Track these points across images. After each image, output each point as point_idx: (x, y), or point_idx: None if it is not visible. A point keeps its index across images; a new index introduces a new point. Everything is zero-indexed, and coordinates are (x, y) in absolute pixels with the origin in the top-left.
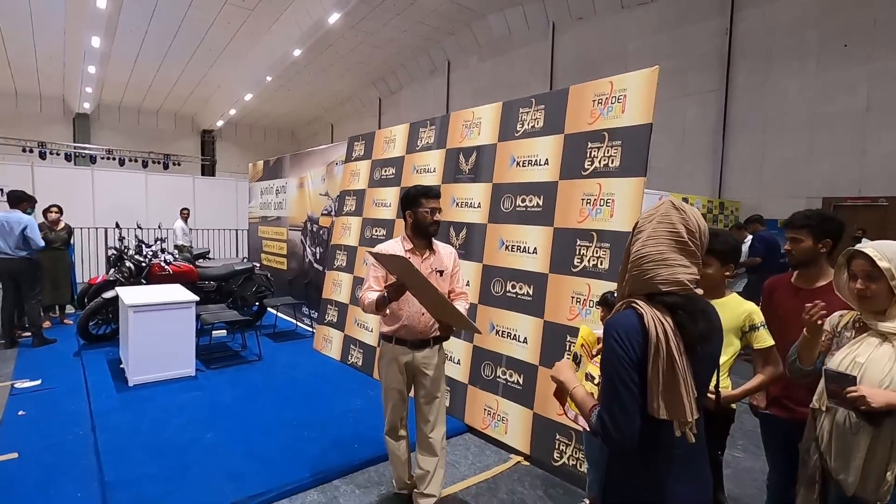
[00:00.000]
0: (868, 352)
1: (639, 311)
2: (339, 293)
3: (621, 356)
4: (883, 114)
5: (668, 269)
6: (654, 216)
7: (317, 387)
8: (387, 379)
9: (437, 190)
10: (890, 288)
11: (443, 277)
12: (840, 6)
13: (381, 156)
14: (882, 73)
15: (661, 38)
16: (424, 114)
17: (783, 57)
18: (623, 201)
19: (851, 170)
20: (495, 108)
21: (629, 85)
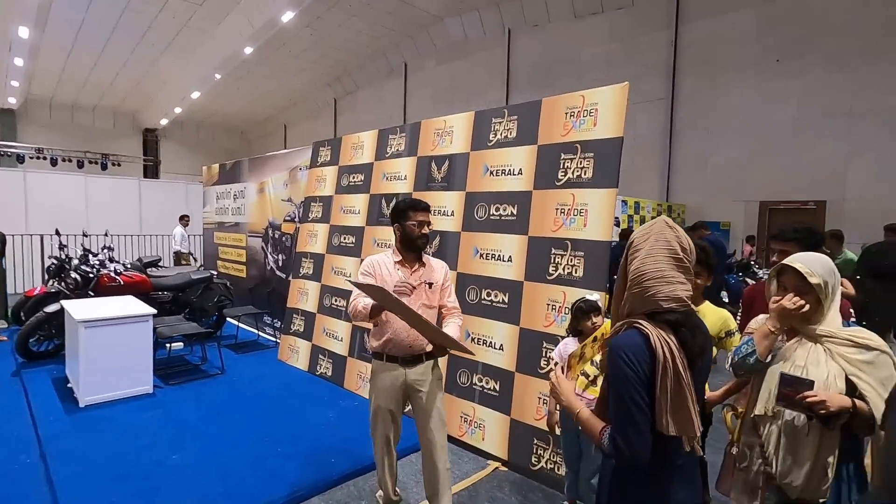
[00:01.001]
0: (805, 355)
1: (643, 331)
2: (306, 302)
3: (631, 377)
4: (811, 124)
5: (668, 286)
6: (650, 234)
7: (286, 400)
8: (377, 398)
9: (425, 203)
10: (818, 300)
11: (432, 290)
12: (774, 24)
13: (348, 162)
14: (810, 87)
15: (613, 48)
16: (382, 116)
17: (724, 68)
18: (596, 211)
19: (785, 175)
20: (467, 117)
21: (600, 99)
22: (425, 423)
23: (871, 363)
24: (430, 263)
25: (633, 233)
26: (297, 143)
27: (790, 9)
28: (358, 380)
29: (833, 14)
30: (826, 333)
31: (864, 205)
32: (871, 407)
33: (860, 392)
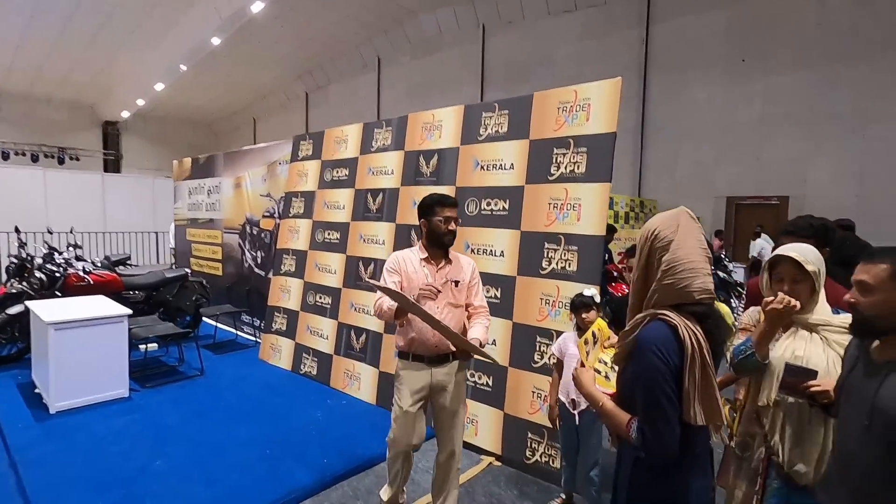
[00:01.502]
0: (803, 346)
1: (671, 322)
2: (288, 300)
3: (663, 370)
4: (774, 124)
5: (699, 279)
6: (678, 225)
7: (271, 400)
8: (400, 398)
9: (454, 199)
10: (812, 287)
11: (458, 288)
12: (740, 26)
13: (332, 156)
14: (774, 88)
15: (586, 46)
16: (355, 111)
17: (693, 68)
18: (590, 206)
19: (750, 172)
20: (456, 111)
21: (593, 94)
22: (447, 423)
23: None
24: (458, 260)
25: (655, 224)
26: (268, 137)
27: (756, 12)
28: (345, 378)
29: (795, 19)
30: (821, 322)
31: (823, 201)
32: None
33: None
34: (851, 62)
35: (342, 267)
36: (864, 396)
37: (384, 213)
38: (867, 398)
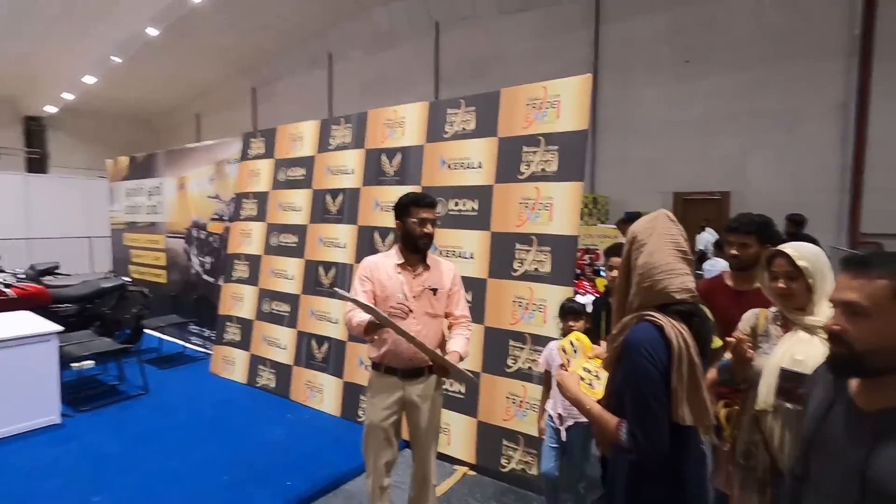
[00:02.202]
0: (803, 349)
1: (657, 322)
2: (241, 308)
3: (651, 371)
4: (717, 123)
5: (678, 279)
6: (654, 229)
7: (226, 418)
8: (370, 414)
9: (431, 199)
10: (808, 286)
11: (437, 297)
12: (683, 29)
13: (286, 155)
14: (715, 89)
15: (539, 44)
16: (306, 107)
17: (641, 69)
18: (562, 205)
19: (695, 169)
20: (420, 107)
21: (563, 91)
22: (421, 438)
23: None
24: (438, 266)
25: (635, 227)
26: (213, 134)
27: (697, 16)
28: (306, 390)
29: (733, 23)
30: (821, 324)
31: (761, 195)
32: None
33: None
34: (783, 64)
35: (300, 272)
36: (851, 460)
37: (345, 215)
38: (855, 463)
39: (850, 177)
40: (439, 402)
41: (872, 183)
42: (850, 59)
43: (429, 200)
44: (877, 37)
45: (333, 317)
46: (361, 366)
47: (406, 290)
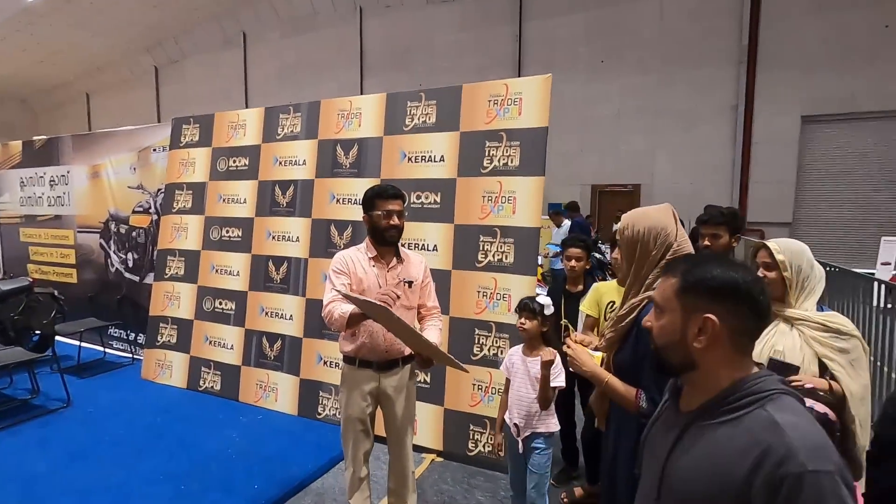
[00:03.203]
0: (783, 340)
1: None
2: (177, 308)
3: None
4: (628, 120)
5: None
6: (674, 219)
7: (170, 426)
8: (347, 407)
9: (395, 190)
10: (783, 278)
11: (411, 289)
12: (597, 30)
13: (226, 143)
14: (626, 88)
15: (464, 37)
16: (218, 90)
17: (560, 66)
18: (524, 199)
19: (610, 163)
20: (378, 98)
21: (524, 89)
22: (397, 429)
23: (844, 350)
24: (409, 259)
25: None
26: (106, 116)
27: (610, 19)
28: (257, 390)
29: (641, 28)
30: (800, 317)
31: (665, 188)
32: (843, 387)
33: (831, 373)
34: (684, 68)
35: (247, 268)
36: (658, 456)
37: (297, 208)
38: (660, 460)
39: (738, 172)
40: (413, 392)
41: (756, 177)
42: (739, 66)
43: (393, 192)
44: (760, 48)
45: (287, 313)
46: (321, 362)
47: (381, 284)
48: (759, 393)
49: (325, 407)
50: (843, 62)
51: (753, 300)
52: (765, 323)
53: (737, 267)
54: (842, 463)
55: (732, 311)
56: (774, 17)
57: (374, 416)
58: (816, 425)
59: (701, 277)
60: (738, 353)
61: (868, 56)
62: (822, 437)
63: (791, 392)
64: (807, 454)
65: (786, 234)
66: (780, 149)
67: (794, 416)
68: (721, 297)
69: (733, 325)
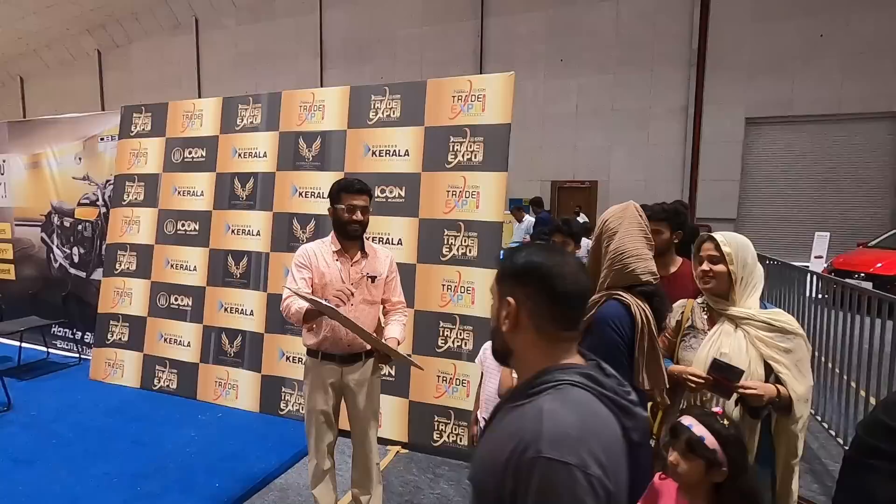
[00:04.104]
0: (728, 341)
1: (624, 301)
2: (129, 305)
3: (619, 342)
4: (586, 118)
5: (644, 263)
6: (623, 217)
7: (124, 426)
8: (310, 400)
9: (360, 185)
10: (730, 273)
11: (375, 284)
12: (557, 30)
13: (181, 133)
14: (584, 87)
15: (426, 31)
16: (168, 77)
17: (522, 63)
18: (488, 193)
19: (569, 159)
20: (341, 91)
21: (487, 86)
22: (361, 421)
23: (789, 350)
24: (375, 254)
25: (606, 215)
26: (44, 102)
27: (568, 19)
28: (216, 388)
29: (597, 29)
30: (744, 315)
31: (620, 185)
32: (788, 390)
33: (777, 375)
34: (638, 69)
35: (204, 262)
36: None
37: (257, 201)
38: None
39: (689, 170)
40: (377, 385)
41: (705, 175)
42: (690, 69)
43: (358, 187)
44: (709, 52)
45: (247, 308)
46: (283, 358)
47: (344, 278)
48: (551, 382)
49: (288, 403)
50: (782, 68)
51: (547, 282)
52: (565, 309)
53: (550, 253)
54: (595, 462)
55: (528, 294)
56: (722, 23)
57: (337, 408)
58: (584, 417)
59: (509, 263)
60: (542, 338)
61: (804, 63)
62: (576, 429)
63: (586, 386)
64: (548, 442)
65: (731, 229)
66: (726, 149)
67: (562, 405)
68: (520, 279)
69: (530, 307)
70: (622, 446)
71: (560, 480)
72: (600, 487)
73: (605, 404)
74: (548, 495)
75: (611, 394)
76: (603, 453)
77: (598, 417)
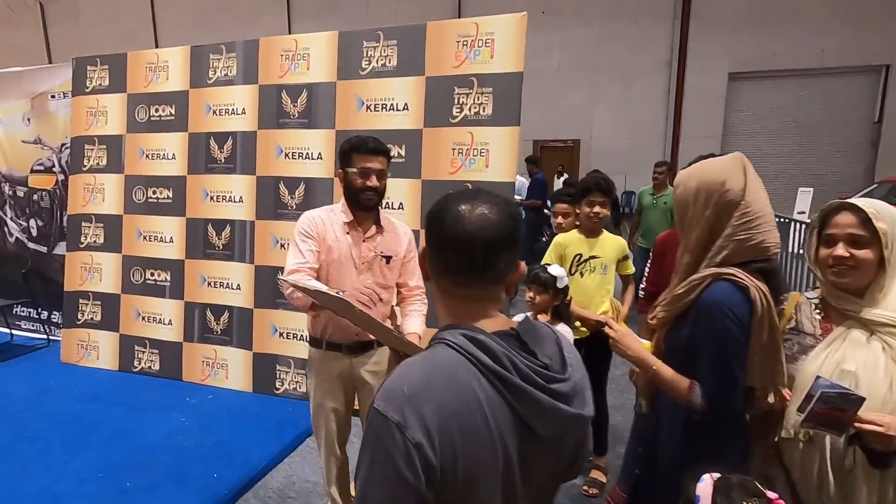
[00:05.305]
0: (858, 355)
1: (740, 283)
2: (99, 281)
3: (737, 334)
4: (569, 74)
5: (772, 233)
6: (745, 174)
7: (105, 413)
8: (317, 395)
9: (376, 144)
10: (882, 259)
11: (390, 266)
12: None
13: (144, 88)
14: (567, 41)
15: None
16: (120, 32)
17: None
18: (499, 151)
19: (551, 118)
20: (328, 37)
21: (496, 29)
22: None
23: None
24: (394, 228)
25: (718, 175)
26: None
27: None
28: (204, 367)
29: None
30: (884, 320)
31: (604, 144)
32: None
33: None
34: (621, 23)
35: (181, 233)
36: None
37: (238, 164)
38: None
39: (671, 127)
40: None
41: (687, 132)
42: (674, 23)
43: (373, 146)
44: (692, 5)
45: (233, 282)
46: (276, 334)
47: (355, 256)
48: (435, 340)
49: (284, 382)
50: (764, 22)
51: (431, 226)
52: (449, 256)
53: (451, 196)
54: (421, 426)
55: (426, 239)
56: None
57: (351, 402)
58: (429, 378)
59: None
60: (444, 292)
61: (787, 16)
62: (411, 387)
63: (461, 350)
64: (383, 393)
65: None
66: (709, 104)
67: (419, 363)
68: (425, 226)
69: (428, 254)
70: (491, 424)
71: (382, 432)
72: (418, 456)
73: (484, 375)
74: (370, 443)
75: (494, 365)
76: (437, 421)
77: (450, 383)
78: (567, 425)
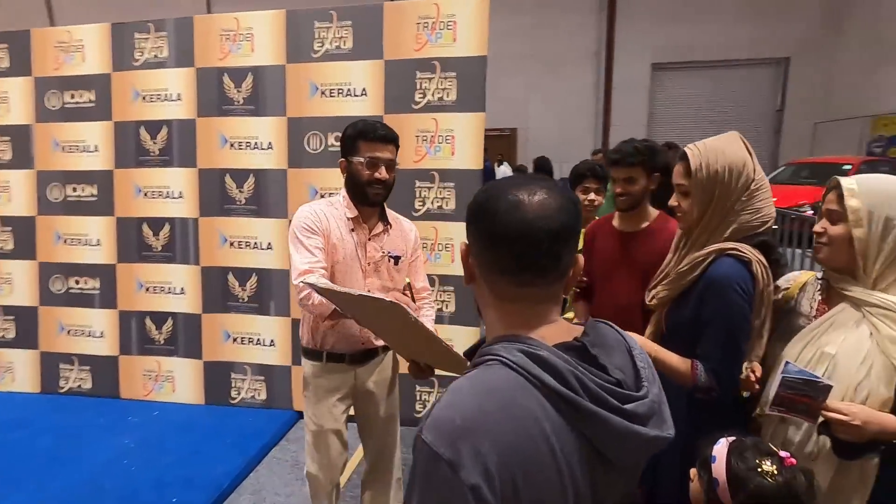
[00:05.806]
0: (839, 337)
1: (743, 258)
2: (10, 293)
3: (746, 310)
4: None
5: (772, 206)
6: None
7: (31, 443)
8: (315, 418)
9: (386, 130)
10: (852, 238)
11: (398, 267)
12: None
13: (55, 71)
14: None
15: None
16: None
17: None
18: (464, 138)
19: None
20: (275, 16)
21: (458, 10)
22: (383, 433)
23: None
24: (400, 226)
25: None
26: None
27: None
28: (146, 382)
29: None
30: (874, 301)
31: (537, 133)
32: None
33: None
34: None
35: (111, 234)
36: None
37: (174, 156)
38: None
39: (602, 116)
40: (395, 382)
41: (616, 121)
42: (601, 14)
43: (382, 133)
44: None
45: (176, 286)
46: (228, 340)
47: (361, 256)
48: (486, 355)
49: (241, 390)
50: (683, 16)
51: (482, 219)
52: (504, 252)
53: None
54: (478, 465)
55: (472, 234)
56: None
57: (348, 419)
58: (485, 406)
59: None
60: (494, 295)
61: (704, 9)
62: (464, 418)
63: (518, 369)
64: (431, 422)
65: None
66: (635, 94)
67: (471, 385)
68: (469, 219)
69: (474, 251)
70: (559, 457)
71: (430, 472)
72: (474, 500)
73: (549, 399)
74: (418, 482)
75: (561, 388)
76: (497, 458)
77: (510, 411)
78: (646, 450)
